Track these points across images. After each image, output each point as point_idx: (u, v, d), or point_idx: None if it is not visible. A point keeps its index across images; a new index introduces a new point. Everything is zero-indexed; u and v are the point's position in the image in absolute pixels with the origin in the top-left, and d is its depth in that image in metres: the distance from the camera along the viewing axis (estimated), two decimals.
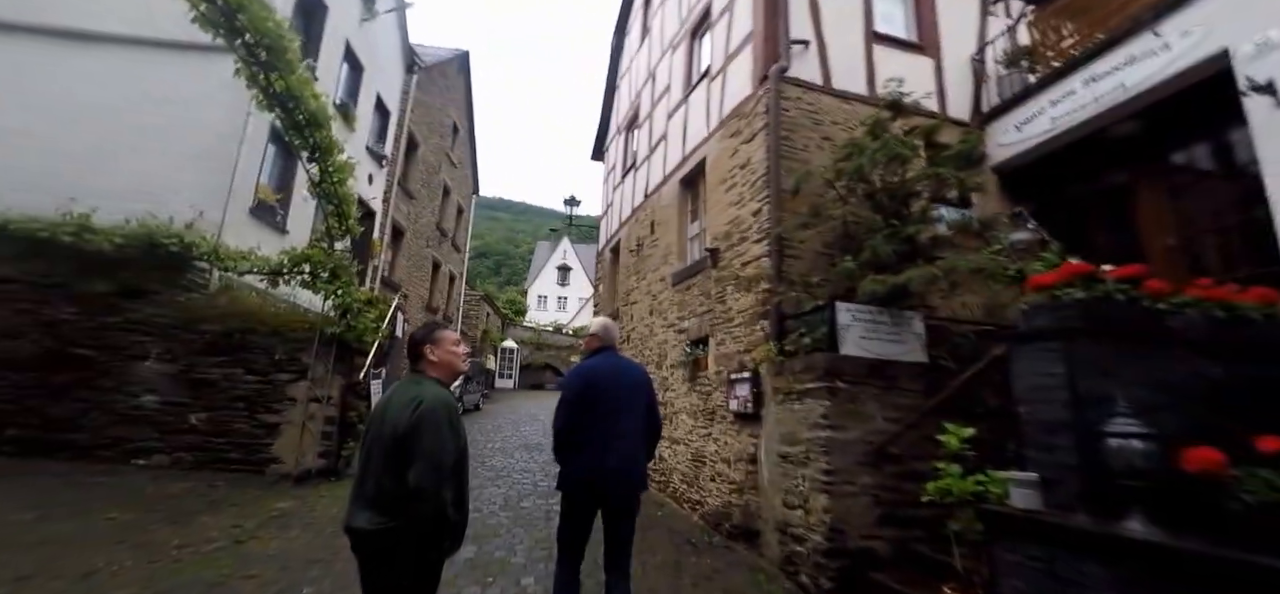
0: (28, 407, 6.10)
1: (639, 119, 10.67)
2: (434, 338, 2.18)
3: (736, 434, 5.55)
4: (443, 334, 2.22)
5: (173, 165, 7.22)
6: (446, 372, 2.19)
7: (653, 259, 8.88)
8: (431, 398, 1.99)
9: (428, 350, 2.16)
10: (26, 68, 7.23)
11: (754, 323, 5.51)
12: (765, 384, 5.08)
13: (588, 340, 3.20)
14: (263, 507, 5.41)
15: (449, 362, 2.20)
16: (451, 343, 2.22)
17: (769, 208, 5.50)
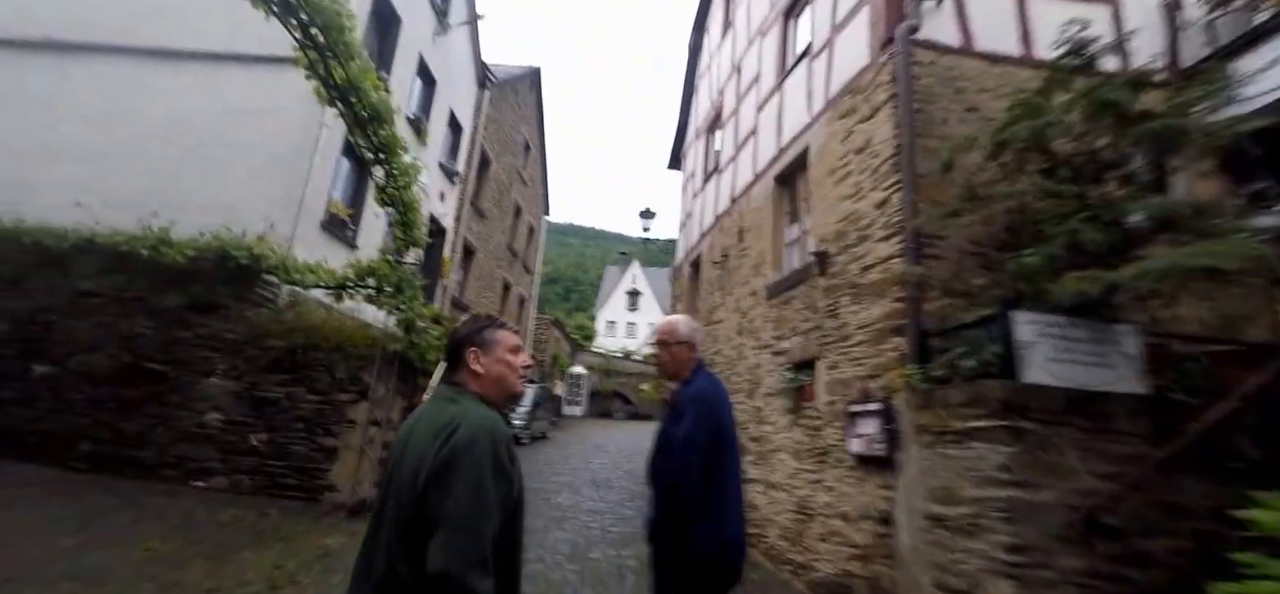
0: (102, 421, 6.18)
1: (722, 118, 9.94)
2: (482, 339, 1.53)
3: (859, 483, 4.52)
4: (496, 335, 1.55)
5: (248, 178, 7.32)
6: (496, 389, 1.50)
7: (741, 270, 8.01)
8: (473, 423, 1.32)
9: (471, 356, 1.50)
10: (122, 87, 7.65)
11: (883, 340, 4.50)
12: (903, 420, 4.05)
13: (684, 349, 2.43)
14: (310, 542, 5.04)
15: (501, 375, 1.52)
16: (508, 348, 1.55)
17: (901, 195, 4.53)
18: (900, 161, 4.61)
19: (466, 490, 1.22)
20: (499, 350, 1.52)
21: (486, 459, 1.27)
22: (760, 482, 6.45)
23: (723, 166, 9.56)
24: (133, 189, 7.16)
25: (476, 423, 1.31)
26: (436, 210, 12.42)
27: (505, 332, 1.57)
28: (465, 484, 1.23)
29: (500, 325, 1.58)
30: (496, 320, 1.60)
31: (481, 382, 1.48)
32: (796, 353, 5.96)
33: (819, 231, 5.83)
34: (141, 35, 7.78)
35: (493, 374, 1.50)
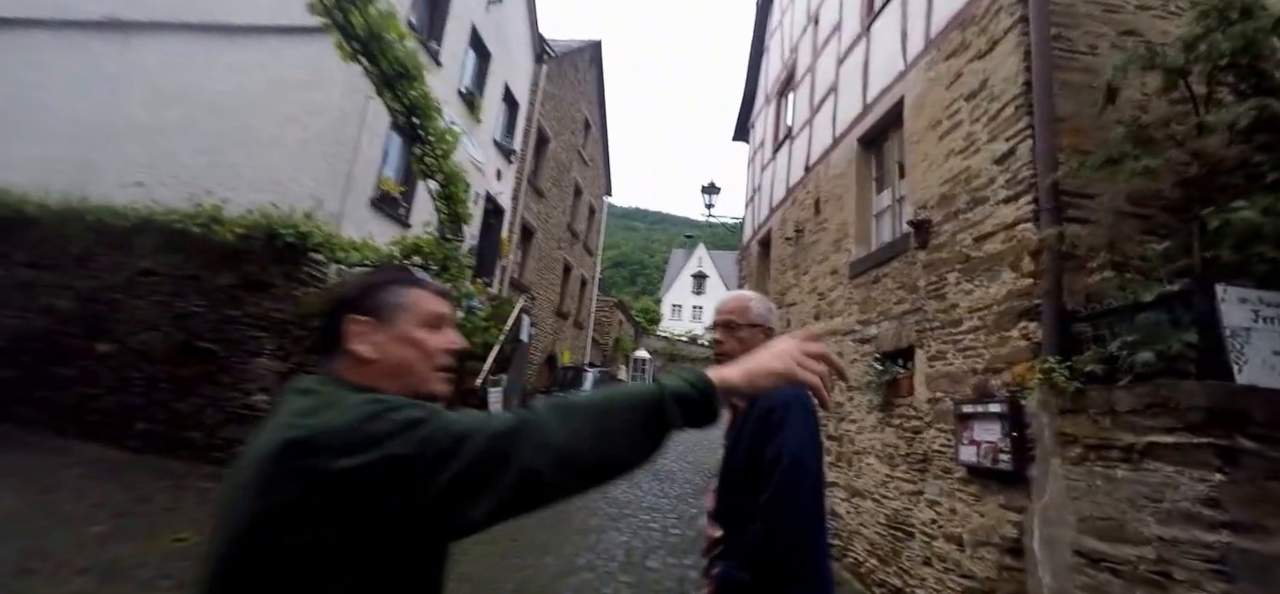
0: (157, 400, 6.29)
1: (795, 78, 9.05)
2: (377, 302, 0.90)
3: (975, 501, 3.72)
4: (402, 296, 0.93)
5: (296, 153, 7.27)
6: (394, 384, 0.88)
7: (818, 246, 7.18)
8: (315, 428, 0.71)
9: (354, 330, 0.88)
10: (180, 64, 7.81)
11: (1006, 325, 3.65)
12: (1040, 425, 3.22)
13: (758, 335, 1.72)
14: None
15: (403, 363, 0.90)
16: (421, 317, 0.92)
17: (1032, 144, 3.64)
18: (1031, 102, 3.72)
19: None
20: (405, 321, 0.90)
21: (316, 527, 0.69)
22: (842, 487, 5.70)
23: (796, 132, 8.70)
24: (188, 166, 7.27)
25: (331, 429, 0.71)
26: (493, 189, 12.25)
27: (419, 291, 0.94)
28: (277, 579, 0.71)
29: (411, 280, 0.95)
30: (404, 273, 0.97)
31: (369, 372, 0.87)
32: (888, 340, 5.14)
33: (917, 197, 4.96)
34: (199, 10, 7.89)
35: (390, 360, 0.88)
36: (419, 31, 8.72)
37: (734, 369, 0.87)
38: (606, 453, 0.77)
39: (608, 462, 0.78)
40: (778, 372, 0.88)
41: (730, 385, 0.86)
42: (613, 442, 0.77)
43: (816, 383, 0.89)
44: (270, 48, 7.68)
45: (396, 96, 4.56)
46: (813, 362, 0.89)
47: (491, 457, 0.71)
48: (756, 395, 1.49)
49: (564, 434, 0.75)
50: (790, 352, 0.89)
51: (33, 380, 6.54)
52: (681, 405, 0.81)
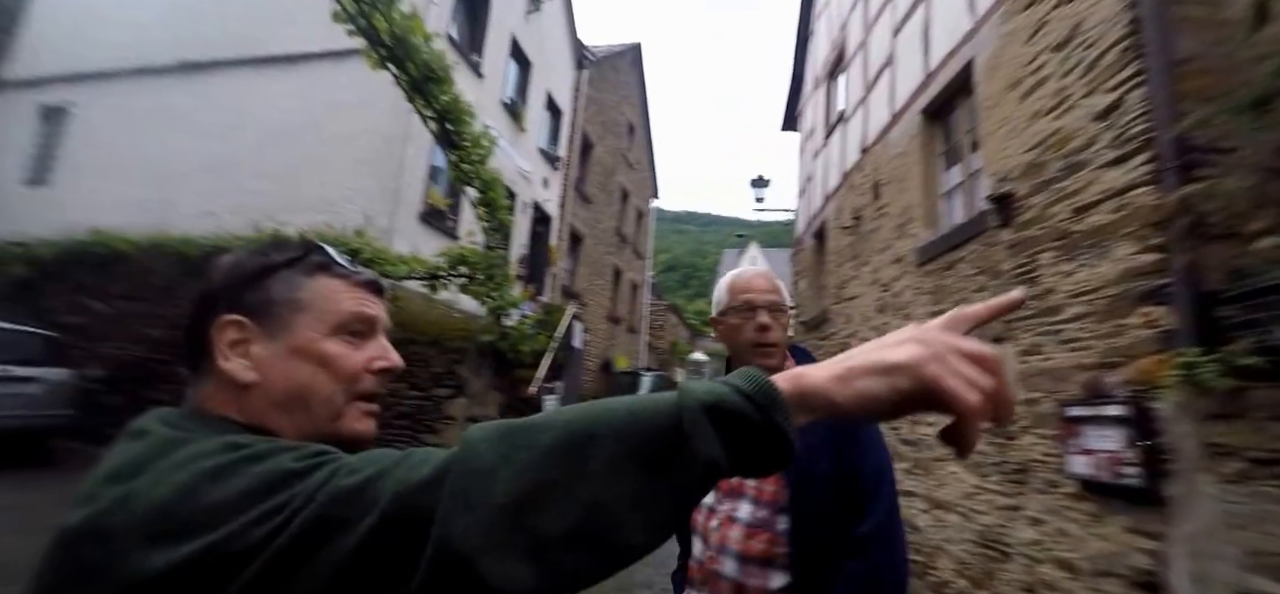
0: None
1: (845, 58, 8.39)
2: (259, 300, 0.59)
3: (1092, 521, 3.08)
4: (296, 288, 0.60)
5: (348, 173, 7.35)
6: (293, 415, 0.58)
7: (880, 234, 6.54)
8: (110, 505, 0.44)
9: (224, 339, 0.57)
10: (247, 97, 8.10)
11: (1124, 310, 3.01)
12: (1180, 433, 2.58)
13: (788, 319, 1.37)
14: None
15: (303, 388, 0.58)
16: (331, 321, 0.60)
17: (1144, 92, 2.99)
18: (1140, 43, 3.06)
19: None
20: (305, 326, 0.59)
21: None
22: (922, 498, 5.07)
23: (849, 114, 8.05)
24: (253, 194, 7.48)
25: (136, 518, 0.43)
26: (540, 197, 12.16)
27: (331, 280, 0.62)
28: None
29: (317, 264, 0.62)
30: (308, 251, 0.63)
31: (249, 403, 0.57)
32: None
33: (996, 168, 4.31)
34: (259, 45, 8.15)
35: (280, 385, 0.57)
36: (459, 45, 8.69)
37: (821, 371, 0.46)
38: (585, 521, 0.40)
39: (588, 535, 0.40)
40: (911, 373, 0.44)
41: (817, 396, 0.45)
42: (596, 498, 0.40)
43: (970, 405, 0.43)
44: (322, 73, 7.81)
45: (427, 102, 4.38)
46: (970, 368, 0.44)
47: (396, 526, 0.39)
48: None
49: (514, 485, 0.39)
50: (934, 344, 0.45)
51: (134, 406, 6.81)
52: (722, 427, 0.42)
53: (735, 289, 1.32)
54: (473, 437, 0.43)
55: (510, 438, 0.42)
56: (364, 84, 7.29)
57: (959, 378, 0.43)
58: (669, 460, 0.41)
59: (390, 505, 0.39)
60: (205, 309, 0.59)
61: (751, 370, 0.45)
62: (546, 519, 0.39)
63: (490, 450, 0.41)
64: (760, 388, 0.43)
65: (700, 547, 1.27)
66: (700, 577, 1.26)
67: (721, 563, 1.22)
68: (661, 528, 0.42)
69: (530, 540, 0.38)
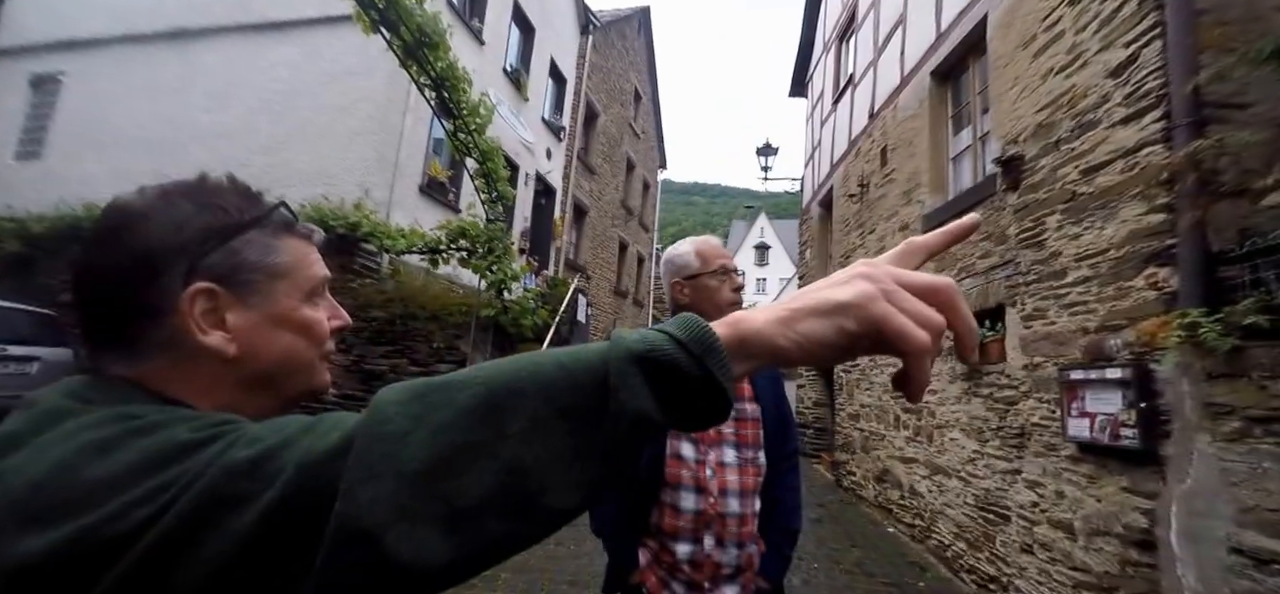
0: None
1: (857, 19, 8.22)
2: (235, 262, 0.53)
3: (1089, 482, 3.13)
4: (274, 251, 0.56)
5: (345, 143, 7.34)
6: (272, 390, 0.56)
7: (886, 200, 6.50)
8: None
9: (193, 307, 0.50)
10: (237, 65, 8.05)
11: (1129, 272, 3.01)
12: (1178, 393, 2.61)
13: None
14: None
15: (291, 358, 0.56)
16: (307, 288, 0.58)
17: (1159, 47, 2.94)
18: None
19: None
20: (287, 294, 0.56)
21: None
22: (923, 464, 5.14)
23: (859, 78, 7.93)
24: (248, 165, 7.49)
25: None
26: (542, 168, 12.12)
27: (299, 242, 0.59)
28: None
29: (281, 223, 0.58)
30: (263, 208, 0.58)
31: (216, 379, 0.52)
32: (972, 299, 4.51)
33: (1006, 130, 4.27)
34: (252, 10, 8.08)
35: (266, 358, 0.55)
36: (458, 9, 8.58)
37: (762, 314, 0.42)
38: (506, 485, 0.36)
39: (510, 500, 0.36)
40: (856, 313, 0.40)
41: (758, 341, 0.41)
42: (518, 459, 0.37)
43: (919, 344, 0.39)
44: (318, 40, 7.76)
45: (422, 69, 4.37)
46: (919, 304, 0.41)
47: (300, 501, 0.35)
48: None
49: (427, 450, 0.36)
50: (882, 280, 0.41)
51: None
52: (654, 378, 0.39)
53: (707, 255, 1.47)
54: (383, 399, 0.39)
55: (425, 398, 0.38)
56: (359, 51, 7.26)
57: (907, 315, 0.40)
58: (596, 416, 0.38)
59: (294, 477, 0.36)
60: (145, 271, 0.50)
61: (688, 316, 0.42)
62: (463, 485, 0.35)
63: (401, 413, 0.37)
64: (695, 334, 0.40)
65: (694, 499, 1.35)
66: (700, 524, 1.34)
67: (726, 503, 1.36)
68: (591, 487, 0.39)
69: (444, 509, 0.35)
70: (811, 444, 9.19)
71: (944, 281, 0.43)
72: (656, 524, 1.36)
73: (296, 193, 6.98)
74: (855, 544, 5.10)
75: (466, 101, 4.82)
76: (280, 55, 7.87)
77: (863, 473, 6.66)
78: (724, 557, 1.34)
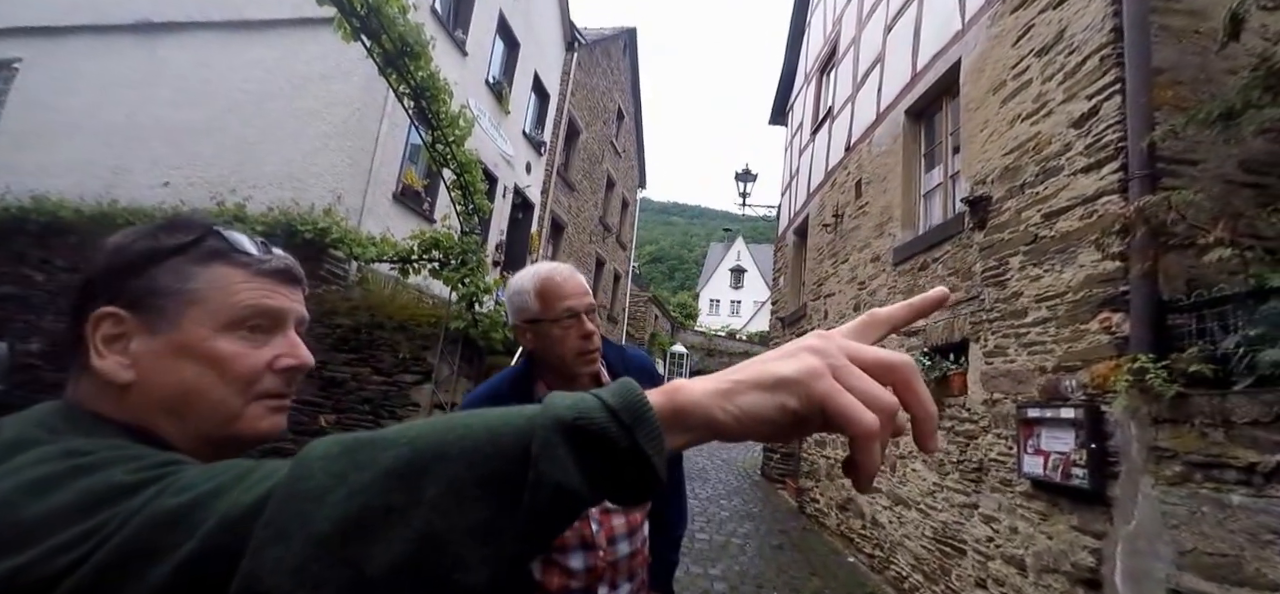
0: None
1: (838, 53, 8.47)
2: (144, 286, 0.54)
3: (1041, 520, 3.21)
4: (185, 275, 0.55)
5: (316, 148, 7.23)
6: (182, 418, 0.54)
7: (859, 232, 6.65)
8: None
9: (97, 330, 0.53)
10: (205, 63, 7.88)
11: (1084, 315, 3.13)
12: (1126, 436, 2.71)
13: None
14: None
15: (188, 391, 0.54)
16: (224, 318, 0.55)
17: (1122, 101, 3.10)
18: (1120, 51, 3.17)
19: None
20: (195, 321, 0.54)
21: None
22: (884, 494, 5.21)
23: (837, 111, 8.14)
24: (214, 165, 7.34)
25: None
26: (521, 182, 12.09)
27: (227, 269, 0.57)
28: None
29: (213, 248, 0.57)
30: (203, 233, 0.57)
31: (129, 402, 0.52)
32: (937, 333, 4.63)
33: (974, 171, 4.42)
34: (223, 8, 7.95)
35: (159, 387, 0.53)
36: (443, 19, 8.58)
37: (701, 385, 0.40)
38: (417, 555, 0.34)
39: (421, 572, 0.34)
40: (799, 390, 0.38)
41: (696, 414, 0.39)
42: (432, 527, 0.34)
43: (866, 428, 0.37)
44: (291, 41, 7.66)
45: (402, 78, 4.34)
46: (870, 383, 0.39)
47: (215, 558, 0.34)
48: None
49: (340, 511, 0.34)
50: (831, 355, 0.39)
51: None
52: (581, 448, 0.37)
53: (548, 296, 1.22)
54: (310, 453, 0.37)
55: (353, 454, 0.36)
56: (336, 55, 7.19)
57: (856, 394, 0.38)
58: (517, 486, 0.36)
59: (213, 531, 0.34)
60: (84, 297, 0.54)
61: (626, 382, 0.40)
62: (373, 552, 0.33)
63: (324, 470, 0.35)
64: (629, 403, 0.38)
65: (582, 557, 1.20)
66: (593, 579, 1.21)
67: (615, 550, 1.23)
68: (506, 564, 0.36)
69: (351, 576, 0.33)
70: (777, 469, 9.24)
71: (900, 359, 0.40)
72: (542, 584, 1.19)
73: (265, 195, 6.86)
74: (815, 573, 5.12)
75: (446, 112, 4.81)
76: (253, 55, 7.74)
77: (826, 500, 6.71)
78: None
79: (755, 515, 7.08)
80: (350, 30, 3.91)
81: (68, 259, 7.13)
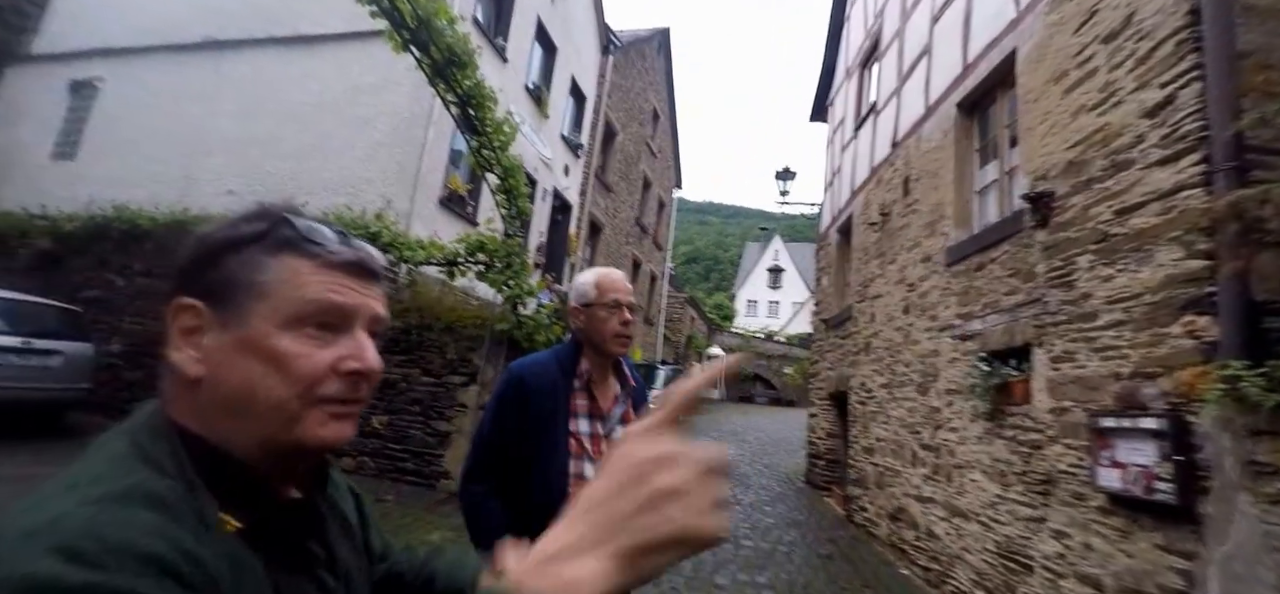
0: None
1: (880, 46, 8.21)
2: (219, 277, 0.53)
3: (1121, 536, 3.01)
4: (256, 267, 0.53)
5: (368, 155, 7.46)
6: (241, 420, 0.52)
7: (908, 231, 6.43)
8: None
9: (177, 321, 0.52)
10: (266, 77, 8.24)
11: (1165, 318, 2.92)
12: (1219, 449, 2.50)
13: None
14: (417, 536, 4.84)
15: (246, 392, 0.51)
16: (288, 314, 0.52)
17: (1202, 87, 2.88)
18: (1198, 34, 2.94)
19: None
20: (260, 316, 0.51)
21: None
22: (940, 504, 5.01)
23: (881, 106, 7.89)
24: (274, 174, 7.65)
25: None
26: (560, 185, 12.21)
27: (298, 260, 0.53)
28: None
29: (285, 240, 0.54)
30: (278, 223, 0.55)
31: (191, 402, 0.52)
32: (996, 337, 4.41)
33: (1034, 166, 4.20)
34: (283, 24, 8.29)
35: (224, 384, 0.51)
36: (484, 28, 8.74)
37: (587, 567, 0.37)
38: None
39: None
40: (692, 542, 0.39)
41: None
42: None
43: (719, 533, 0.40)
44: (344, 55, 7.93)
45: (450, 87, 4.42)
46: (712, 490, 0.40)
47: None
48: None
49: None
50: (689, 490, 0.39)
51: (152, 382, 7.08)
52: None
53: (604, 287, 1.58)
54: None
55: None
56: (386, 66, 7.40)
57: (710, 510, 0.39)
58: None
59: None
60: (172, 289, 0.53)
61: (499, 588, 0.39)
62: None
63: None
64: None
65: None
66: None
67: None
68: None
69: None
70: (822, 476, 9.02)
71: (700, 457, 0.41)
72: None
73: (321, 201, 7.10)
74: (867, 585, 4.96)
75: (491, 120, 4.87)
76: (307, 67, 8.05)
77: (876, 509, 6.50)
78: None
79: (801, 523, 6.92)
80: (401, 42, 4.00)
81: (145, 264, 7.59)
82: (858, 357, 7.81)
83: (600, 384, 1.59)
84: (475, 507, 1.49)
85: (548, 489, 1.40)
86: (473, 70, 4.39)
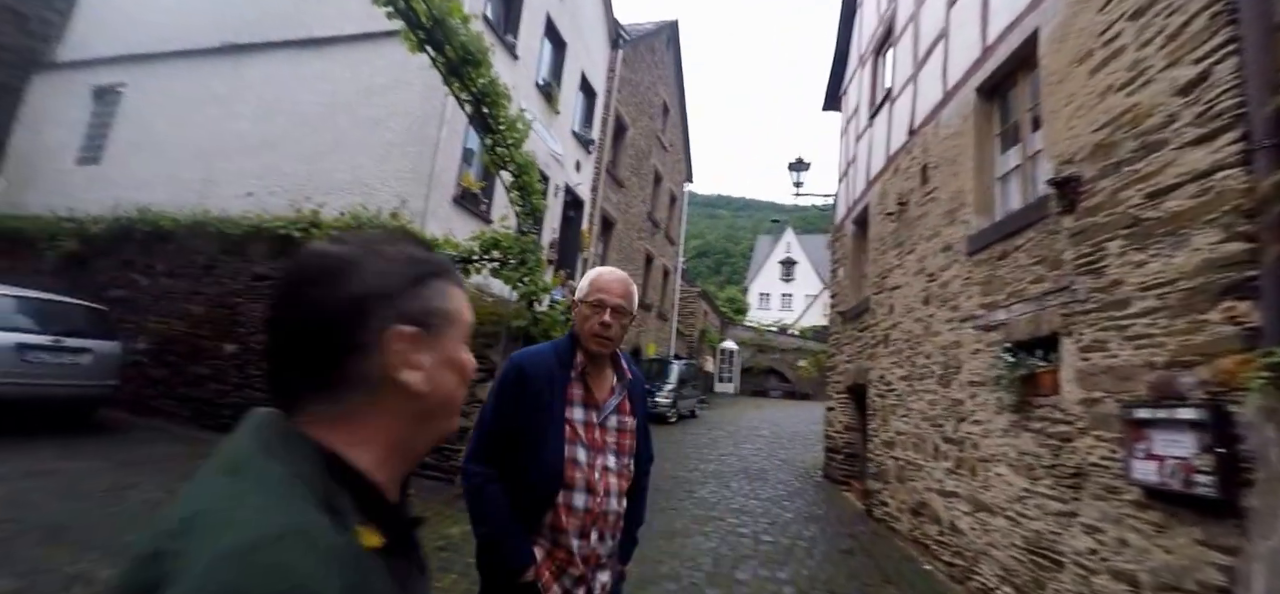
0: None
1: (894, 32, 8.05)
2: (425, 307, 0.61)
3: (1157, 531, 2.91)
4: (445, 296, 0.64)
5: (382, 155, 7.48)
6: (428, 427, 0.63)
7: (927, 220, 6.30)
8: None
9: (398, 346, 0.58)
10: (282, 79, 8.29)
11: (1203, 304, 2.80)
12: (1263, 439, 2.40)
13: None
14: (434, 531, 4.83)
15: (450, 399, 0.65)
16: (465, 332, 0.67)
17: (1239, 62, 2.75)
18: (1233, 7, 2.81)
19: None
20: (454, 336, 0.64)
21: None
22: (964, 499, 4.90)
23: (897, 93, 7.74)
24: (290, 175, 7.71)
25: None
26: (572, 181, 12.18)
27: (458, 289, 0.67)
28: None
29: (446, 271, 0.66)
30: (452, 262, 0.75)
31: (386, 410, 0.59)
32: (1022, 327, 4.30)
33: (1059, 150, 4.07)
34: (298, 27, 8.34)
35: (437, 395, 0.62)
36: (495, 25, 8.71)
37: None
38: None
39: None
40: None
41: None
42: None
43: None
44: (357, 56, 7.95)
45: (464, 85, 4.39)
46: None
47: None
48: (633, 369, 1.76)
49: None
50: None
51: (177, 379, 7.25)
52: None
53: (593, 286, 1.65)
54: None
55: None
56: (398, 66, 7.42)
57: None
58: None
59: None
60: (359, 313, 0.56)
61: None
62: None
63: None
64: None
65: (585, 498, 1.53)
66: (588, 521, 1.53)
67: (608, 503, 1.57)
68: None
69: None
70: (841, 470, 8.91)
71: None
72: (551, 524, 1.51)
73: (338, 201, 7.15)
74: (889, 580, 4.88)
75: (505, 117, 4.84)
76: (321, 69, 8.09)
77: (897, 504, 6.41)
78: (603, 548, 1.56)
79: (820, 518, 6.84)
80: (416, 42, 3.98)
81: (167, 264, 7.72)
82: (876, 349, 7.69)
83: (596, 376, 1.65)
84: (477, 488, 1.55)
85: (544, 472, 1.50)
86: (486, 68, 4.36)
